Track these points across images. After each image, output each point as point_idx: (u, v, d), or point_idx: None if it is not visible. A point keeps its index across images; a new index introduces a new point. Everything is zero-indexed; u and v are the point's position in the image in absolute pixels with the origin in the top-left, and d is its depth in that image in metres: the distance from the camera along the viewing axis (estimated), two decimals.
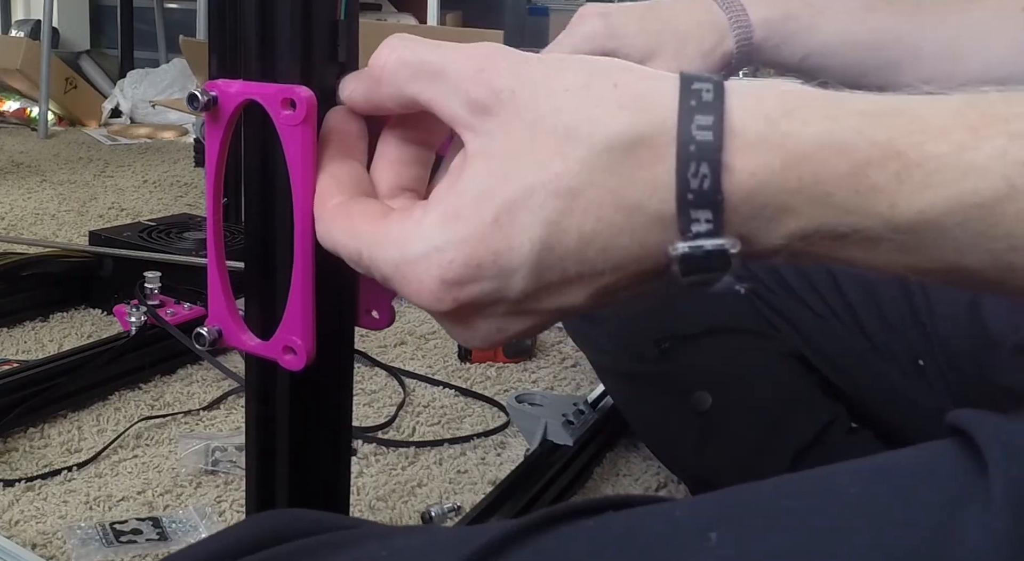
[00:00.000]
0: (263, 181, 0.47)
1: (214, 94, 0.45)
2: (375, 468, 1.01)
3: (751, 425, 0.88)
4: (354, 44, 0.47)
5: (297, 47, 0.45)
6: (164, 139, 2.85)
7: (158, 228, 1.45)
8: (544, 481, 0.93)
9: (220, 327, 0.48)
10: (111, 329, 1.32)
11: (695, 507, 0.35)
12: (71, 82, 3.02)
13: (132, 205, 2.04)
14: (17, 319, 1.34)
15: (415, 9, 3.12)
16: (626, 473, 1.04)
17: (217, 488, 0.95)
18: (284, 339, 0.46)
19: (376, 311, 0.49)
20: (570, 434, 1.00)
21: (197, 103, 0.45)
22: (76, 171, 2.34)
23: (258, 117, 0.45)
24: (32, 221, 1.87)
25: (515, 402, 1.11)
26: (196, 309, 1.26)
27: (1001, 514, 0.30)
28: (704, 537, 0.32)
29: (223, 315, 0.48)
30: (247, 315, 0.49)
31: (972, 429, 0.33)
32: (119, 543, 0.84)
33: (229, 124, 0.45)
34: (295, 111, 0.43)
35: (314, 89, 0.43)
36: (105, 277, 1.39)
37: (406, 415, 1.14)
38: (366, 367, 1.25)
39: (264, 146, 0.46)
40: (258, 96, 0.44)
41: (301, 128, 0.43)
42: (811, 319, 0.85)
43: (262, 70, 0.46)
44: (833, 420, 0.86)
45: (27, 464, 0.99)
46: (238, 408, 1.12)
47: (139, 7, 3.44)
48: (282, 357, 0.46)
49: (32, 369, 1.08)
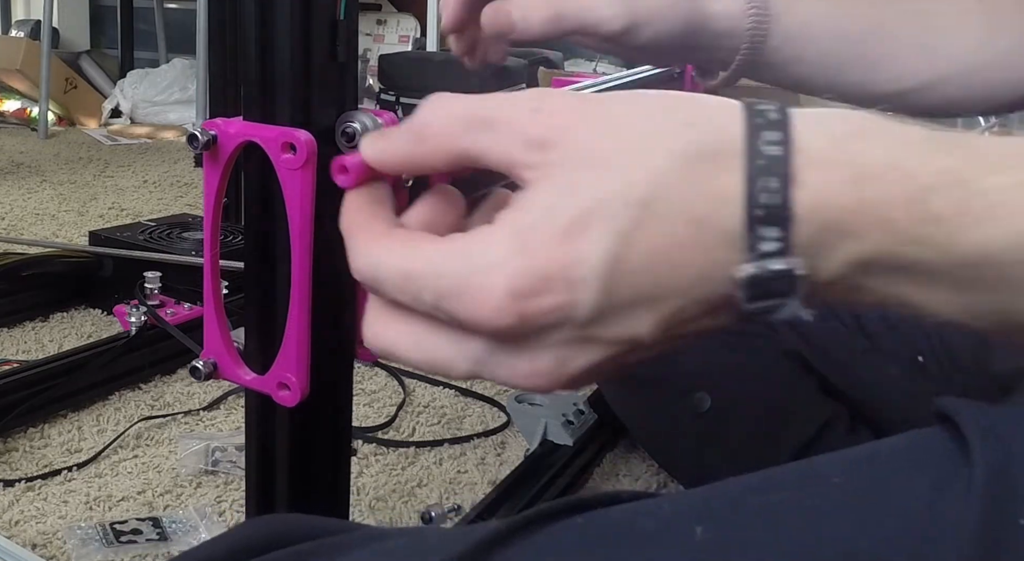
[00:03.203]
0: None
1: (213, 133, 0.45)
2: (375, 468, 1.01)
3: (750, 426, 0.88)
4: (354, 44, 0.47)
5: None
6: (164, 139, 2.85)
7: (158, 228, 1.45)
8: (544, 481, 0.94)
9: (216, 360, 0.49)
10: (111, 329, 1.32)
11: (682, 502, 0.35)
12: (71, 82, 3.02)
13: (132, 205, 2.04)
14: (17, 319, 1.34)
15: (415, 9, 3.12)
16: (626, 473, 1.04)
17: (217, 488, 0.95)
18: (279, 375, 0.46)
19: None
20: (570, 434, 1.00)
21: (196, 143, 0.45)
22: (76, 171, 2.34)
23: (258, 156, 0.45)
24: (32, 221, 1.87)
25: (515, 402, 1.11)
26: (196, 309, 1.26)
27: (982, 498, 0.30)
28: (690, 531, 0.33)
29: (219, 349, 0.49)
30: (246, 348, 0.49)
31: (955, 415, 0.33)
32: (119, 543, 0.84)
33: (228, 164, 0.45)
34: (295, 155, 0.43)
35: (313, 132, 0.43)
36: (105, 277, 1.39)
37: (406, 415, 1.14)
38: (366, 367, 1.25)
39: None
40: (257, 138, 0.44)
41: (300, 172, 0.43)
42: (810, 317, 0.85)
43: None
44: (832, 420, 0.86)
45: (27, 464, 0.99)
46: (238, 408, 1.12)
47: (139, 7, 3.44)
48: (276, 393, 0.47)
49: (32, 369, 1.08)
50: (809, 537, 0.32)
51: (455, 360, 0.37)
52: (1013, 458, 0.31)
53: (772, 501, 0.33)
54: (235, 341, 0.49)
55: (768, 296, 0.34)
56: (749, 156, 0.34)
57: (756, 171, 0.33)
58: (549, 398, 1.12)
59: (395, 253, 0.37)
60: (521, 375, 0.36)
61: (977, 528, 0.30)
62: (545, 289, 0.34)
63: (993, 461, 0.31)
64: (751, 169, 0.34)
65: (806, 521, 0.32)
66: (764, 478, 0.35)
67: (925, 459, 0.33)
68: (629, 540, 0.34)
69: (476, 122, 0.36)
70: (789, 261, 0.33)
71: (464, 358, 0.37)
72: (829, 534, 0.32)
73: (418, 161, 0.38)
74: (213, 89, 1.99)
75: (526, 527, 0.35)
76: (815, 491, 0.33)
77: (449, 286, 0.35)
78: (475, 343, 0.36)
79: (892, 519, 0.31)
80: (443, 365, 0.37)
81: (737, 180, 0.34)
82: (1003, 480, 0.31)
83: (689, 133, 0.35)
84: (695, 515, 0.34)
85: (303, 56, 0.45)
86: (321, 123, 0.45)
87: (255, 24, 0.45)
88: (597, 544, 0.34)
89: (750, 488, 0.34)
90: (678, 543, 0.33)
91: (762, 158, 0.34)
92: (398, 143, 0.39)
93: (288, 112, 0.45)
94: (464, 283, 0.35)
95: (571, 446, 0.99)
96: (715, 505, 0.34)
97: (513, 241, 0.34)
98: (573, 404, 1.06)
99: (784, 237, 0.33)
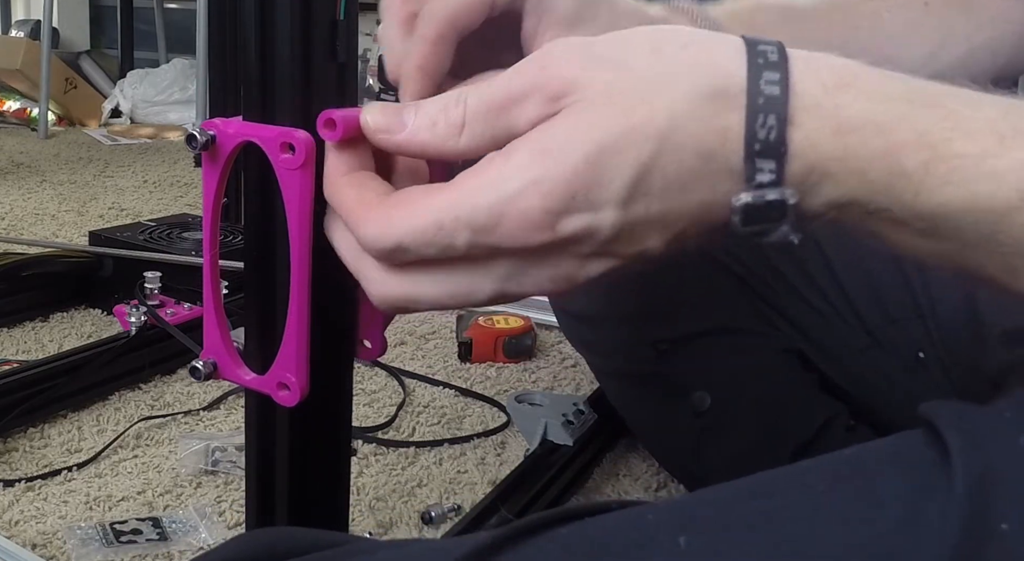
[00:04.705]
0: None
1: (212, 133, 0.45)
2: (375, 468, 1.01)
3: (750, 425, 0.88)
4: (354, 44, 0.47)
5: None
6: (164, 139, 2.85)
7: (158, 228, 1.45)
8: (544, 481, 0.93)
9: (215, 361, 0.49)
10: (111, 329, 1.32)
11: (667, 511, 0.35)
12: (71, 82, 3.02)
13: (132, 205, 2.04)
14: (17, 319, 1.34)
15: None
16: (626, 473, 1.04)
17: (217, 488, 0.95)
18: (279, 375, 0.47)
19: (369, 341, 0.51)
20: (570, 434, 1.00)
21: (195, 143, 0.45)
22: (76, 171, 2.34)
23: (257, 155, 0.45)
24: (32, 221, 1.87)
25: (515, 402, 1.11)
26: (196, 309, 1.26)
27: (962, 506, 0.31)
28: (674, 541, 0.33)
29: (219, 349, 0.49)
30: (246, 348, 0.49)
31: (936, 419, 0.33)
32: (119, 543, 0.84)
33: (227, 164, 0.45)
34: (294, 155, 0.43)
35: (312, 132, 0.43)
36: (105, 277, 1.39)
37: (406, 415, 1.14)
38: (366, 367, 1.25)
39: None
40: (256, 138, 0.44)
41: (299, 172, 0.43)
42: (811, 315, 0.85)
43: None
44: (832, 418, 0.86)
45: (27, 464, 0.99)
46: (238, 408, 1.12)
47: (139, 7, 3.44)
48: (276, 393, 0.47)
49: (32, 369, 1.08)
50: (792, 546, 0.32)
51: (480, 285, 0.40)
52: (993, 463, 0.31)
53: (756, 509, 0.33)
54: (235, 341, 0.49)
55: (761, 221, 0.37)
56: (750, 94, 0.37)
57: (756, 108, 0.36)
58: (549, 398, 1.12)
59: (416, 211, 0.39)
60: (545, 281, 0.39)
61: (958, 536, 0.30)
62: (572, 208, 0.37)
63: (973, 467, 0.31)
64: (752, 106, 0.36)
65: (789, 530, 0.32)
66: (748, 485, 0.35)
67: (908, 466, 0.33)
68: (614, 551, 0.34)
69: (495, 109, 0.39)
70: (782, 191, 0.37)
71: (490, 280, 0.39)
72: (812, 543, 0.32)
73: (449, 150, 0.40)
74: (213, 89, 1.99)
75: (512, 539, 0.35)
76: (799, 499, 0.33)
77: (487, 219, 0.37)
78: (500, 265, 0.39)
79: (875, 527, 0.32)
80: (466, 294, 0.40)
81: (739, 117, 0.37)
82: (983, 486, 0.31)
83: (695, 74, 0.37)
84: (679, 525, 0.34)
85: (303, 56, 0.45)
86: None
87: (255, 24, 0.45)
88: (582, 555, 0.34)
89: (734, 496, 0.35)
90: (662, 553, 0.33)
91: (762, 96, 0.36)
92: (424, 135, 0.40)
93: (288, 112, 0.45)
94: (501, 211, 0.37)
95: (571, 446, 0.99)
96: (699, 514, 0.34)
97: (536, 164, 0.37)
98: (573, 404, 1.06)
99: (778, 170, 0.36)
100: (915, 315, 0.79)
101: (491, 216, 0.37)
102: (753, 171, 0.36)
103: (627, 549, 0.34)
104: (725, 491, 0.35)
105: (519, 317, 1.33)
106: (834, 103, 0.36)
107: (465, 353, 1.30)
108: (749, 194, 0.37)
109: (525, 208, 0.37)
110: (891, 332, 0.81)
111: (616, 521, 0.35)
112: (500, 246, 0.38)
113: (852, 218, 0.38)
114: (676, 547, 0.33)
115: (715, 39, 0.39)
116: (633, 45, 0.39)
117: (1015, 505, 0.30)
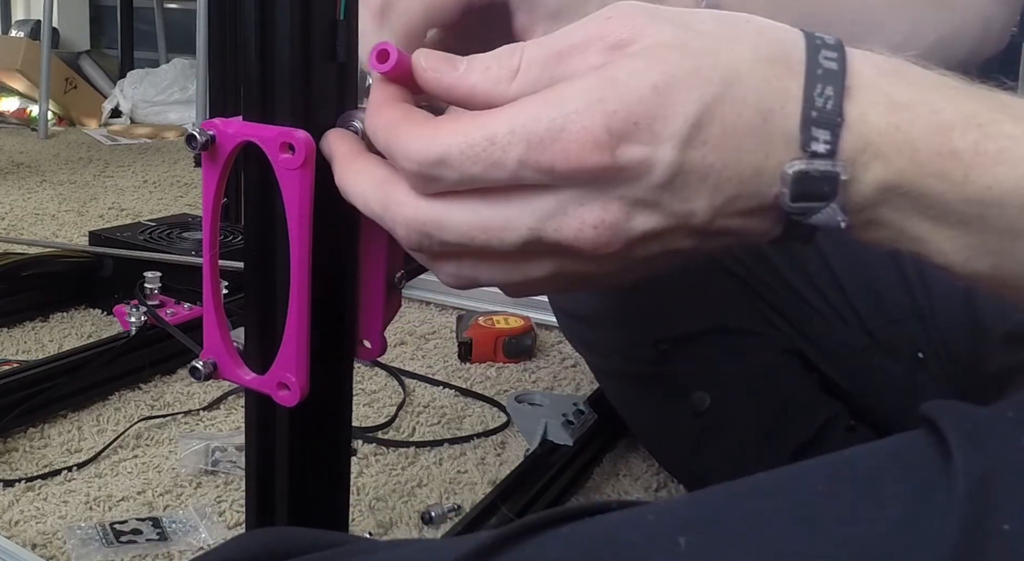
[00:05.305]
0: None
1: (211, 134, 0.45)
2: (375, 468, 1.01)
3: (750, 425, 0.88)
4: (354, 44, 0.47)
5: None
6: (164, 139, 2.85)
7: (158, 228, 1.45)
8: (544, 481, 0.93)
9: (215, 361, 0.49)
10: (111, 329, 1.32)
11: (667, 511, 0.35)
12: (71, 82, 3.02)
13: (132, 205, 2.04)
14: (17, 319, 1.34)
15: None
16: (626, 473, 1.04)
17: (217, 488, 0.95)
18: (279, 375, 0.47)
19: (369, 341, 0.51)
20: (570, 434, 1.00)
21: (195, 143, 0.45)
22: (76, 171, 2.34)
23: (257, 155, 0.45)
24: (32, 221, 1.87)
25: (515, 402, 1.11)
26: (196, 309, 1.26)
27: (962, 504, 0.31)
28: (674, 542, 0.33)
29: (219, 349, 0.49)
30: (246, 348, 0.49)
31: (938, 419, 0.33)
32: (119, 543, 0.84)
33: (226, 164, 0.45)
34: (293, 155, 0.43)
35: (312, 132, 0.43)
36: (105, 277, 1.39)
37: (406, 415, 1.14)
38: (366, 367, 1.25)
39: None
40: (256, 138, 0.44)
41: (299, 172, 0.43)
42: (811, 316, 0.85)
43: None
44: (832, 418, 0.86)
45: (27, 464, 0.99)
46: (238, 408, 1.12)
47: (139, 7, 3.44)
48: (276, 393, 0.47)
49: (32, 369, 1.08)
50: (792, 546, 0.32)
51: (516, 221, 0.38)
52: (994, 464, 0.31)
53: (755, 509, 0.33)
54: (235, 341, 0.49)
55: (811, 197, 0.37)
56: (809, 65, 0.38)
57: (815, 78, 0.37)
58: (549, 398, 1.12)
59: (468, 125, 0.38)
60: (590, 224, 0.38)
61: (959, 536, 0.30)
62: (634, 136, 0.36)
63: (974, 468, 0.31)
64: (811, 75, 0.37)
65: (789, 531, 0.32)
66: (748, 486, 0.35)
67: (909, 466, 0.33)
68: (613, 551, 0.34)
69: (554, 56, 0.38)
70: (835, 164, 0.37)
71: (528, 215, 0.38)
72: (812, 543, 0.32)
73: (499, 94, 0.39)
74: (213, 89, 1.99)
75: (512, 539, 0.35)
76: (799, 499, 0.33)
77: (546, 132, 0.36)
78: (544, 199, 0.38)
79: (875, 527, 0.31)
80: (500, 229, 0.38)
81: (799, 84, 0.37)
82: (984, 486, 0.31)
83: (760, 39, 0.39)
84: (678, 525, 0.34)
85: (303, 56, 0.45)
86: (320, 123, 0.45)
87: (255, 24, 0.45)
88: (582, 555, 0.34)
89: (734, 496, 0.34)
90: (662, 553, 0.33)
91: (820, 68, 0.38)
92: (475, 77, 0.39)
93: (287, 112, 0.45)
94: (562, 125, 0.36)
95: (571, 446, 0.99)
96: (698, 514, 0.34)
97: (606, 87, 0.37)
98: (573, 404, 1.06)
99: (833, 141, 0.37)
100: (915, 315, 0.79)
101: (551, 129, 0.36)
102: (808, 138, 0.37)
103: (627, 549, 0.34)
104: (725, 491, 0.35)
105: (519, 317, 1.33)
106: (887, 83, 0.38)
107: (465, 353, 1.30)
108: (802, 162, 0.37)
109: (589, 124, 0.36)
110: (891, 332, 0.81)
111: (616, 521, 0.35)
112: (554, 167, 0.36)
113: (896, 214, 0.38)
114: (676, 547, 0.33)
115: (775, 22, 0.40)
116: (698, 13, 0.40)
117: (1017, 506, 0.30)
